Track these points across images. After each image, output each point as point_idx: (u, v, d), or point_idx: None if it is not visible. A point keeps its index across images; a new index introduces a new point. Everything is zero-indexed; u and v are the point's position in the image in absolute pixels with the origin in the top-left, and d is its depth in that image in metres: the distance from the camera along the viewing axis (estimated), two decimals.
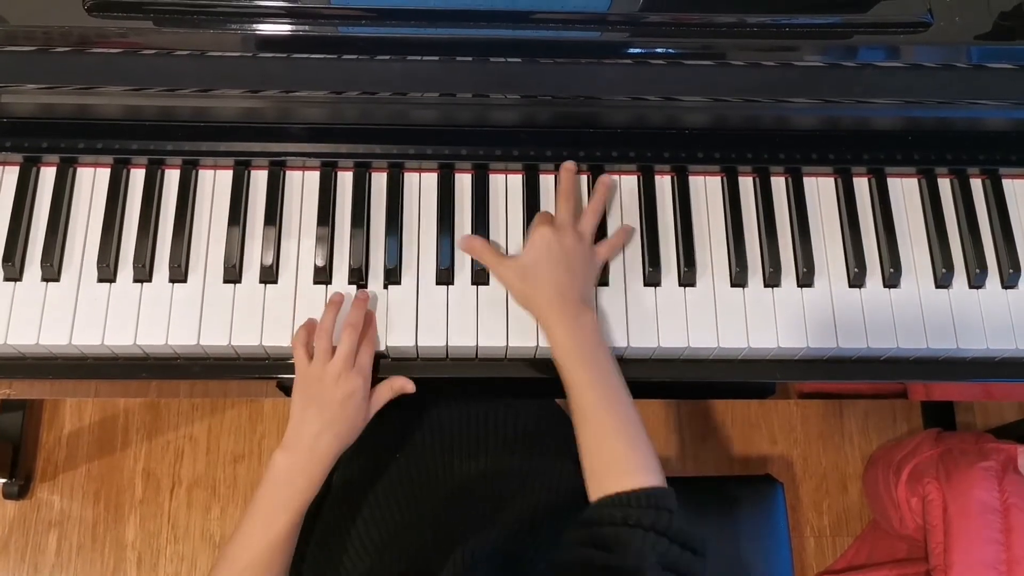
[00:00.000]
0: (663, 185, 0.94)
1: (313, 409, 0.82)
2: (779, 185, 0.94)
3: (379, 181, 0.92)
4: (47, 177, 0.91)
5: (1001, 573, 1.19)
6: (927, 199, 0.95)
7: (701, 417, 1.72)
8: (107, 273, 0.87)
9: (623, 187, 0.94)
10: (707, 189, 0.94)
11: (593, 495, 0.76)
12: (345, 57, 0.84)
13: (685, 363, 0.91)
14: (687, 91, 0.88)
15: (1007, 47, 0.86)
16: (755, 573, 1.12)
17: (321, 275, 0.88)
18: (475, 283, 0.89)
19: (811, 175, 0.95)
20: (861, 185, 0.95)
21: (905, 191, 0.95)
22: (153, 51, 0.83)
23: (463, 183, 0.92)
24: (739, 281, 0.90)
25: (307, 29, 0.83)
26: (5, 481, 1.59)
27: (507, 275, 0.85)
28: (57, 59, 0.83)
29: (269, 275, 0.88)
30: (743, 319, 0.89)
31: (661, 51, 0.85)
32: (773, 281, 0.91)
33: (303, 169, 0.92)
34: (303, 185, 0.92)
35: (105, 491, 1.62)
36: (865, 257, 0.91)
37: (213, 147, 0.91)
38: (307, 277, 0.89)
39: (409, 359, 0.90)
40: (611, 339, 0.88)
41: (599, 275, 0.89)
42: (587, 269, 0.85)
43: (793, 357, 0.91)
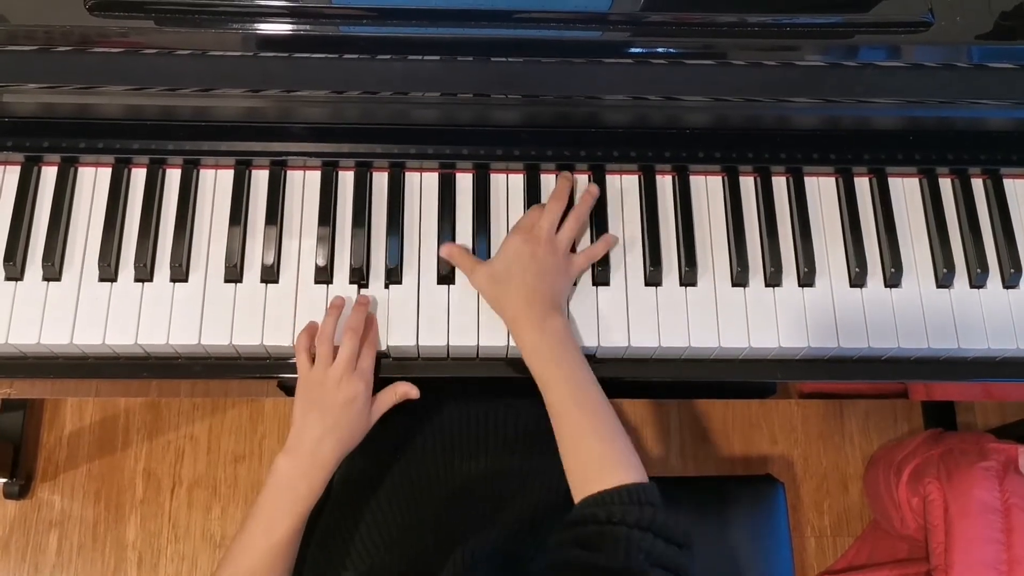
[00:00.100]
0: (664, 185, 0.94)
1: (315, 414, 0.82)
2: (780, 185, 0.94)
3: (380, 181, 0.92)
4: (48, 177, 0.91)
5: (1002, 573, 1.19)
6: (928, 199, 0.95)
7: (701, 417, 1.72)
8: (108, 272, 0.87)
9: (624, 187, 0.94)
10: (708, 189, 0.94)
11: (576, 495, 0.76)
12: (346, 57, 0.84)
13: (686, 363, 0.91)
14: (688, 91, 0.88)
15: (1008, 47, 0.86)
16: (755, 573, 1.12)
17: (322, 275, 0.88)
18: None
19: (812, 175, 0.95)
20: (862, 185, 0.95)
21: (906, 191, 0.95)
22: (154, 51, 0.83)
23: (464, 183, 0.92)
24: (740, 281, 0.90)
25: (308, 29, 0.83)
26: (6, 481, 1.59)
27: (479, 280, 0.86)
28: (58, 58, 0.83)
29: (270, 275, 0.88)
30: (744, 319, 0.89)
31: (662, 51, 0.85)
32: (774, 281, 0.91)
33: (304, 169, 0.92)
34: (304, 185, 0.92)
35: (106, 491, 1.62)
36: (866, 257, 0.91)
37: (214, 147, 0.91)
38: (308, 277, 0.89)
39: (410, 359, 0.90)
40: (612, 339, 0.88)
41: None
42: (557, 278, 0.85)
43: (794, 357, 0.91)
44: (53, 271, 0.87)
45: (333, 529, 0.92)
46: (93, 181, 0.91)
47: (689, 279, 0.90)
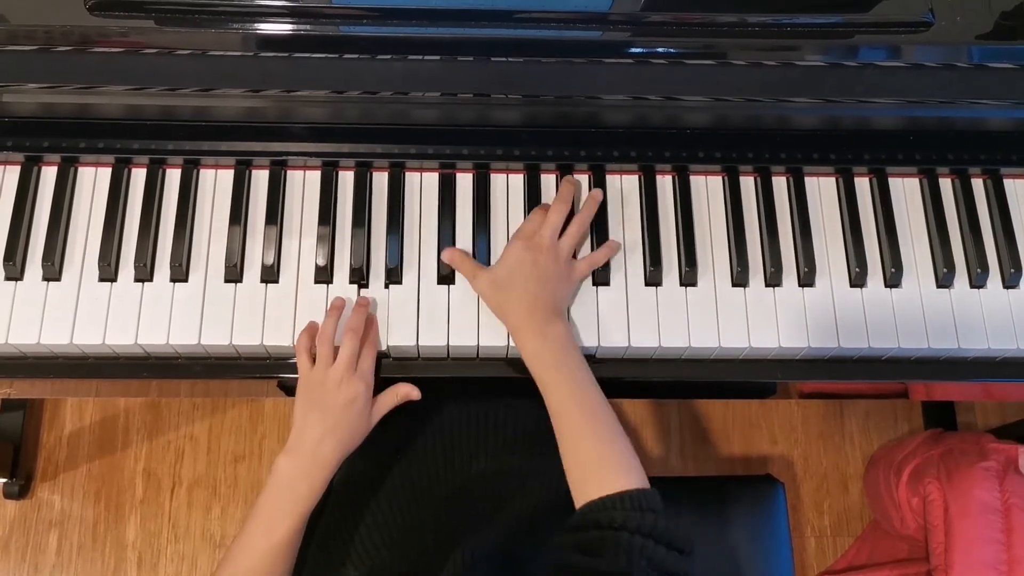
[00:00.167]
0: (664, 185, 0.94)
1: (315, 414, 0.82)
2: (780, 185, 0.94)
3: (380, 181, 0.92)
4: (48, 176, 0.91)
5: (1002, 573, 1.19)
6: (928, 199, 0.95)
7: (701, 417, 1.72)
8: (108, 272, 0.87)
9: (624, 187, 0.94)
10: (708, 189, 0.94)
11: (577, 499, 0.76)
12: (346, 56, 0.84)
13: (686, 363, 0.91)
14: (688, 91, 0.88)
15: (1008, 47, 0.86)
16: (755, 573, 1.12)
17: (322, 274, 0.88)
18: None
19: (812, 175, 0.95)
20: (862, 185, 0.95)
21: (906, 191, 0.95)
22: (154, 50, 0.83)
23: (464, 183, 0.92)
24: (740, 281, 0.90)
25: (308, 28, 0.83)
26: (6, 481, 1.59)
27: (480, 286, 0.86)
28: (58, 58, 0.83)
29: (270, 274, 0.88)
30: (744, 319, 0.89)
31: (662, 51, 0.85)
32: (774, 281, 0.91)
33: (304, 168, 0.92)
34: (304, 184, 0.92)
35: (106, 491, 1.62)
36: (866, 257, 0.91)
37: (214, 146, 0.91)
38: (308, 276, 0.89)
39: (410, 359, 0.90)
40: (611, 339, 0.88)
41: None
42: (559, 285, 0.85)
43: (794, 357, 0.91)
44: (53, 271, 0.87)
45: (333, 529, 0.92)
46: (93, 181, 0.91)
47: (689, 279, 0.90)
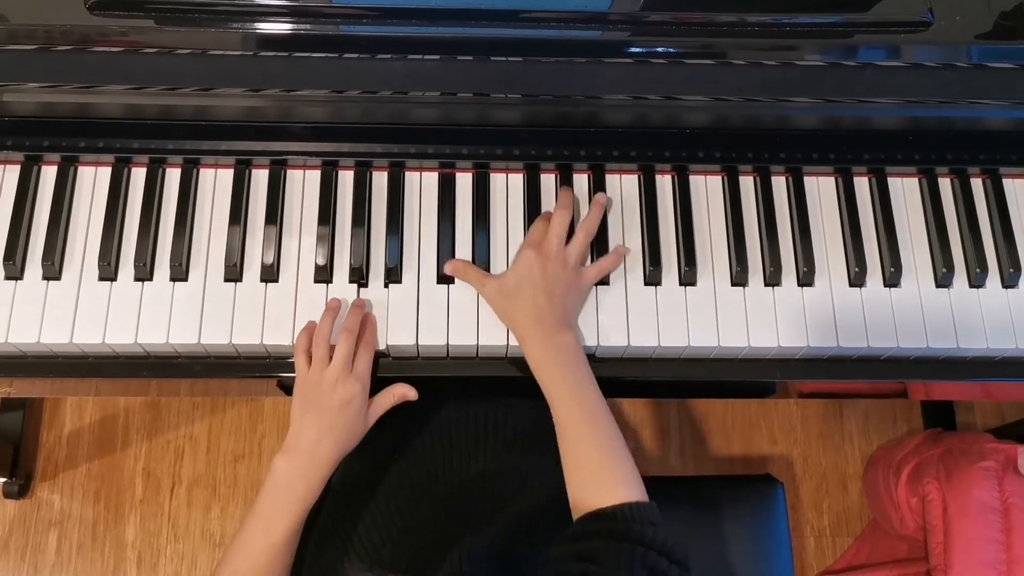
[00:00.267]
0: (664, 184, 0.94)
1: (312, 415, 0.82)
2: (780, 184, 0.94)
3: (380, 180, 0.92)
4: (48, 176, 0.91)
5: (1001, 573, 1.19)
6: (928, 199, 0.95)
7: (701, 417, 1.72)
8: (108, 272, 0.87)
9: (624, 186, 0.94)
10: (708, 188, 0.94)
11: (576, 509, 0.76)
12: (346, 56, 0.84)
13: (685, 362, 0.91)
14: (688, 90, 0.88)
15: (1008, 46, 0.86)
16: (755, 573, 1.12)
17: (322, 274, 0.89)
18: None
19: (812, 174, 0.95)
20: (862, 184, 0.95)
21: (906, 190, 0.95)
22: (154, 50, 0.83)
23: (464, 182, 0.92)
24: (740, 280, 0.90)
25: (308, 28, 0.83)
26: (5, 480, 1.59)
27: (489, 294, 0.86)
28: (58, 58, 0.83)
29: (270, 274, 0.88)
30: (743, 318, 0.89)
31: (662, 50, 0.85)
32: (774, 280, 0.91)
33: (304, 168, 0.92)
34: (304, 184, 0.92)
35: (105, 490, 1.62)
36: (865, 256, 0.91)
37: (214, 146, 0.91)
38: (308, 276, 0.89)
39: (410, 358, 0.90)
40: (610, 338, 0.88)
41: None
42: (568, 294, 0.85)
43: (793, 356, 0.91)
44: (53, 270, 0.87)
45: (332, 529, 0.92)
46: (93, 180, 0.91)
47: (689, 279, 0.90)
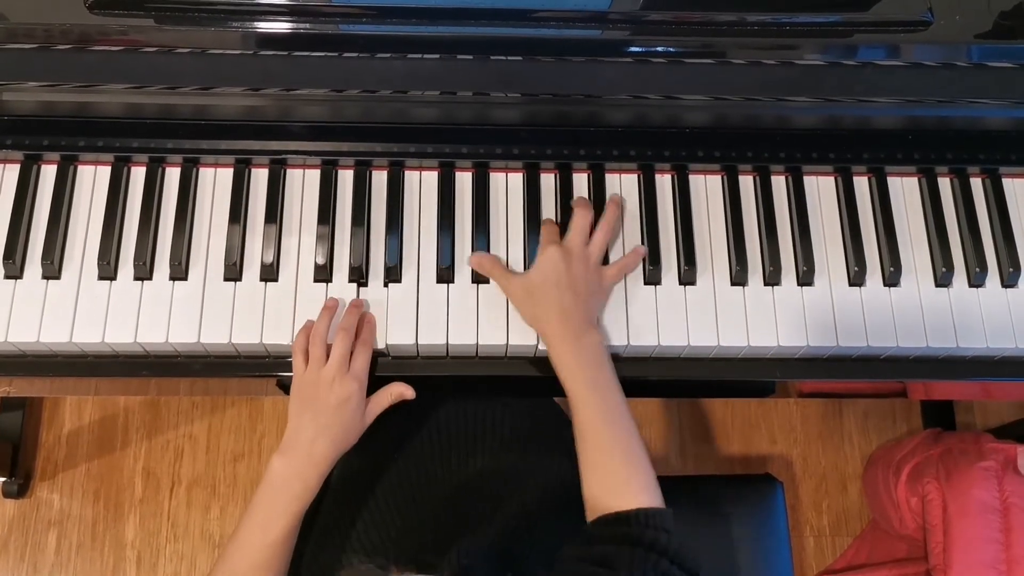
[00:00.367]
0: (663, 184, 0.94)
1: (308, 414, 0.82)
2: (779, 184, 0.94)
3: (379, 179, 0.92)
4: (48, 175, 0.91)
5: (1001, 573, 1.19)
6: (927, 198, 0.95)
7: (701, 416, 1.72)
8: (108, 271, 0.87)
9: (623, 186, 0.94)
10: (707, 188, 0.94)
11: (592, 512, 0.76)
12: (346, 55, 0.84)
13: (685, 361, 0.91)
14: (687, 90, 0.88)
15: (1007, 46, 0.86)
16: (754, 572, 1.12)
17: (322, 273, 0.89)
18: (475, 281, 0.89)
19: (811, 174, 0.95)
20: (861, 184, 0.95)
21: (905, 190, 0.95)
22: (154, 49, 0.83)
23: (463, 181, 0.92)
24: (739, 280, 0.90)
25: (308, 27, 0.83)
26: (5, 480, 1.59)
27: (514, 292, 0.86)
28: (58, 57, 0.83)
29: (270, 273, 0.88)
30: (743, 318, 0.89)
31: (661, 49, 0.85)
32: (773, 280, 0.91)
33: (304, 167, 0.92)
34: (304, 183, 0.92)
35: (105, 490, 1.62)
36: (865, 256, 0.91)
37: (214, 145, 0.91)
38: (307, 275, 0.89)
39: (409, 357, 0.90)
40: (610, 338, 0.88)
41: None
42: (593, 293, 0.85)
43: (793, 356, 0.91)
44: (52, 269, 0.87)
45: (331, 527, 0.92)
46: (93, 179, 0.91)
47: (688, 278, 0.90)
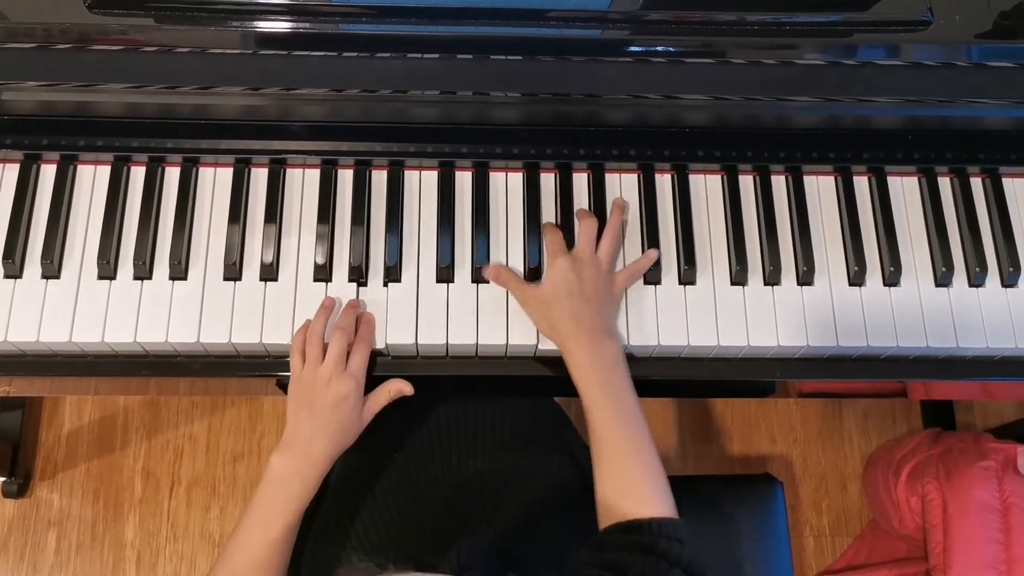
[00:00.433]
0: (663, 183, 0.94)
1: (305, 413, 0.82)
2: (779, 184, 0.94)
3: (379, 179, 0.92)
4: (47, 174, 0.91)
5: (1001, 573, 1.19)
6: (927, 198, 0.95)
7: (701, 416, 1.72)
8: (107, 270, 0.87)
9: (623, 185, 0.94)
10: (707, 187, 0.94)
11: (605, 519, 0.76)
12: (345, 55, 0.84)
13: (685, 361, 0.91)
14: (687, 89, 0.88)
15: (1007, 45, 0.86)
16: (754, 572, 1.12)
17: (321, 273, 0.88)
18: (475, 281, 0.89)
19: (811, 174, 0.95)
20: (861, 184, 0.95)
21: (905, 190, 0.95)
22: (154, 48, 0.83)
23: (463, 181, 0.92)
24: (739, 279, 0.90)
25: (308, 26, 0.83)
26: (4, 480, 1.59)
27: (531, 304, 0.86)
28: (58, 56, 0.83)
29: (269, 273, 0.88)
30: (743, 317, 0.89)
31: (661, 49, 0.85)
32: (773, 279, 0.91)
33: (303, 167, 0.92)
34: (303, 183, 0.92)
35: (104, 490, 1.62)
36: (865, 256, 0.91)
37: (214, 145, 0.91)
38: (307, 275, 0.89)
39: (409, 357, 0.90)
40: None
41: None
42: (605, 300, 0.85)
43: (793, 356, 0.91)
44: (52, 269, 0.87)
45: (331, 526, 0.92)
46: (92, 179, 0.91)
47: (688, 278, 0.90)
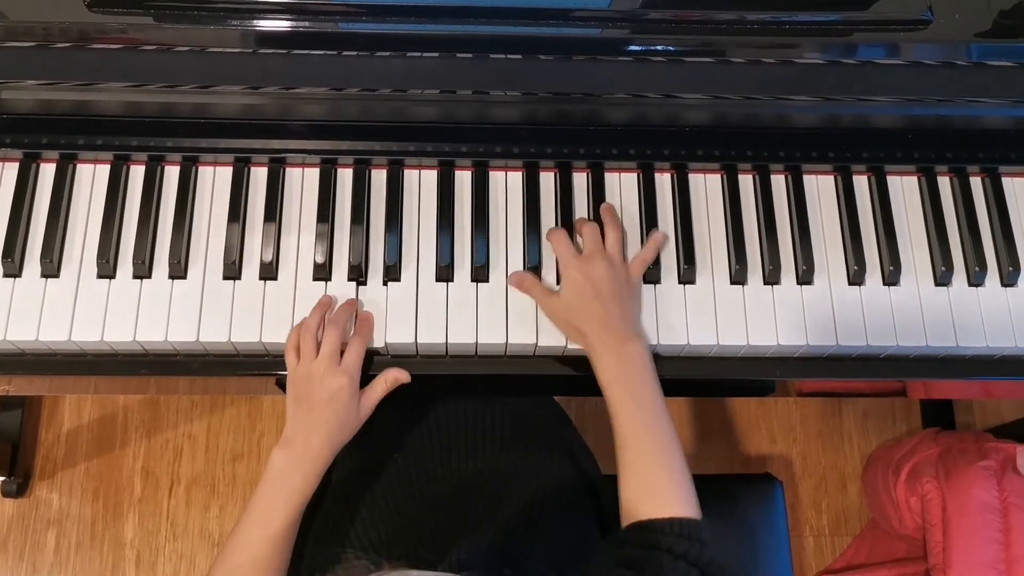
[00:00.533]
0: (663, 183, 0.94)
1: (303, 409, 0.82)
2: (779, 183, 0.94)
3: (379, 178, 0.92)
4: (47, 173, 0.90)
5: (1000, 572, 1.19)
6: (927, 197, 0.95)
7: (701, 416, 1.72)
8: (107, 269, 0.87)
9: (623, 184, 0.94)
10: (707, 187, 0.94)
11: (626, 517, 0.76)
12: (345, 53, 0.84)
13: (685, 360, 0.91)
14: (687, 88, 0.88)
15: (1007, 45, 0.86)
16: (754, 572, 1.12)
17: (321, 272, 0.88)
18: (475, 280, 0.89)
19: (811, 173, 0.95)
20: (861, 183, 0.95)
21: (905, 189, 0.95)
22: (153, 47, 0.83)
23: (463, 180, 0.92)
24: (739, 279, 0.90)
25: (307, 25, 0.83)
26: (4, 479, 1.58)
27: (555, 312, 0.85)
28: (57, 55, 0.83)
29: (269, 272, 0.88)
30: (743, 317, 0.89)
31: (661, 48, 0.85)
32: (773, 279, 0.91)
33: (303, 166, 0.92)
34: (303, 182, 0.92)
35: (104, 489, 1.62)
36: (865, 255, 0.91)
37: (213, 144, 0.91)
38: (307, 274, 0.89)
39: (409, 356, 0.90)
40: None
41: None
42: (625, 292, 0.85)
43: (793, 355, 0.91)
44: (51, 268, 0.87)
45: (330, 525, 0.92)
46: (92, 178, 0.91)
47: (688, 277, 0.90)
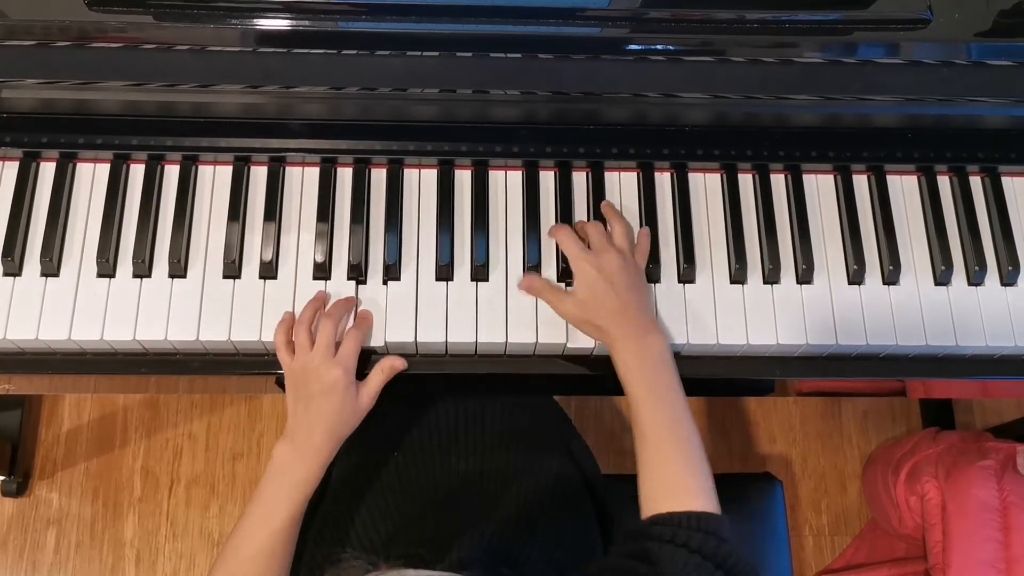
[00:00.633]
0: (663, 182, 0.94)
1: (302, 403, 0.82)
2: (779, 182, 0.94)
3: (379, 177, 0.92)
4: (47, 172, 0.90)
5: (1000, 572, 1.19)
6: (927, 197, 0.95)
7: (700, 415, 1.72)
8: (106, 268, 0.87)
9: (623, 184, 0.94)
10: (707, 186, 0.94)
11: (645, 511, 0.76)
12: (345, 53, 0.84)
13: (684, 360, 0.91)
14: (687, 87, 0.88)
15: (1007, 44, 0.86)
16: None
17: (321, 271, 0.88)
18: (475, 279, 0.89)
19: (811, 172, 0.95)
20: (861, 183, 0.95)
21: (905, 189, 0.95)
22: (153, 46, 0.83)
23: (463, 179, 0.92)
24: (738, 278, 0.90)
25: (307, 24, 0.83)
26: (4, 479, 1.58)
27: (569, 312, 0.85)
28: (57, 54, 0.83)
29: (269, 271, 0.88)
30: (742, 316, 0.89)
31: (661, 47, 0.85)
32: (772, 278, 0.91)
33: (303, 165, 0.92)
34: (303, 181, 0.92)
35: (104, 489, 1.62)
36: (864, 254, 0.91)
37: (213, 143, 0.91)
38: (307, 273, 0.89)
39: (408, 355, 0.90)
40: None
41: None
42: (639, 284, 0.85)
43: (792, 354, 0.91)
44: (51, 267, 0.87)
45: (330, 524, 0.92)
46: (92, 177, 0.91)
47: (687, 276, 0.90)
